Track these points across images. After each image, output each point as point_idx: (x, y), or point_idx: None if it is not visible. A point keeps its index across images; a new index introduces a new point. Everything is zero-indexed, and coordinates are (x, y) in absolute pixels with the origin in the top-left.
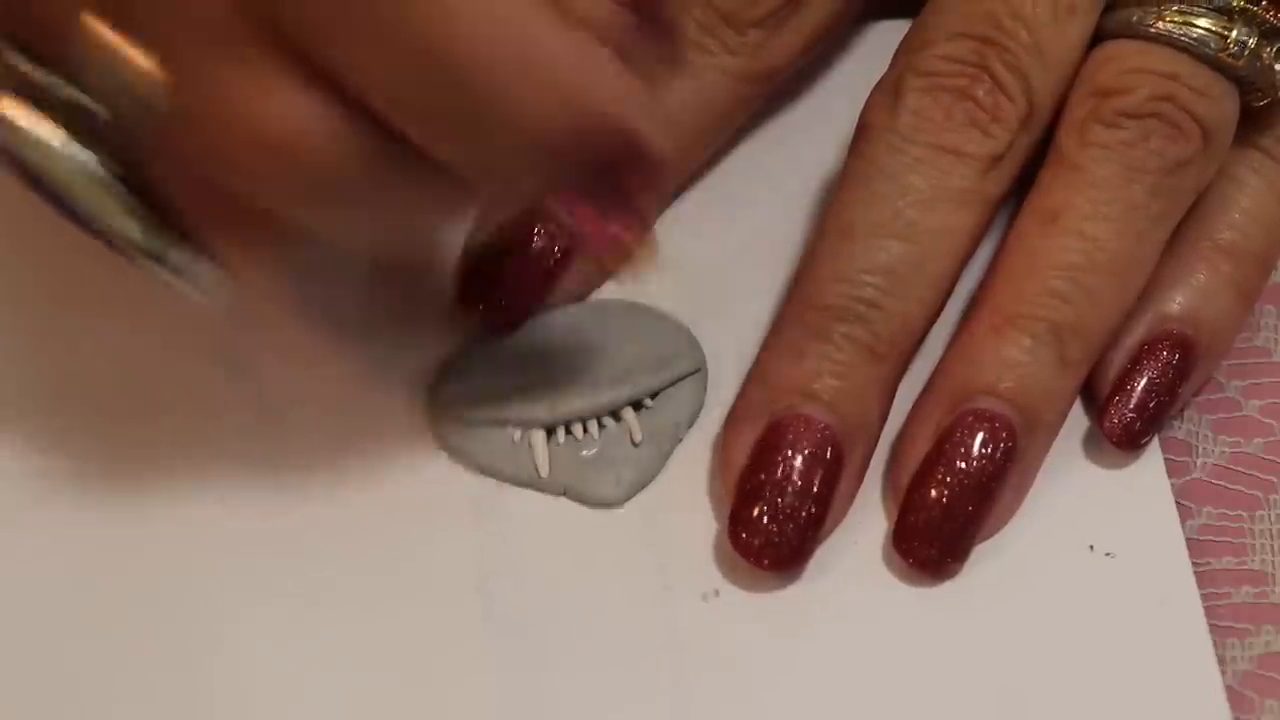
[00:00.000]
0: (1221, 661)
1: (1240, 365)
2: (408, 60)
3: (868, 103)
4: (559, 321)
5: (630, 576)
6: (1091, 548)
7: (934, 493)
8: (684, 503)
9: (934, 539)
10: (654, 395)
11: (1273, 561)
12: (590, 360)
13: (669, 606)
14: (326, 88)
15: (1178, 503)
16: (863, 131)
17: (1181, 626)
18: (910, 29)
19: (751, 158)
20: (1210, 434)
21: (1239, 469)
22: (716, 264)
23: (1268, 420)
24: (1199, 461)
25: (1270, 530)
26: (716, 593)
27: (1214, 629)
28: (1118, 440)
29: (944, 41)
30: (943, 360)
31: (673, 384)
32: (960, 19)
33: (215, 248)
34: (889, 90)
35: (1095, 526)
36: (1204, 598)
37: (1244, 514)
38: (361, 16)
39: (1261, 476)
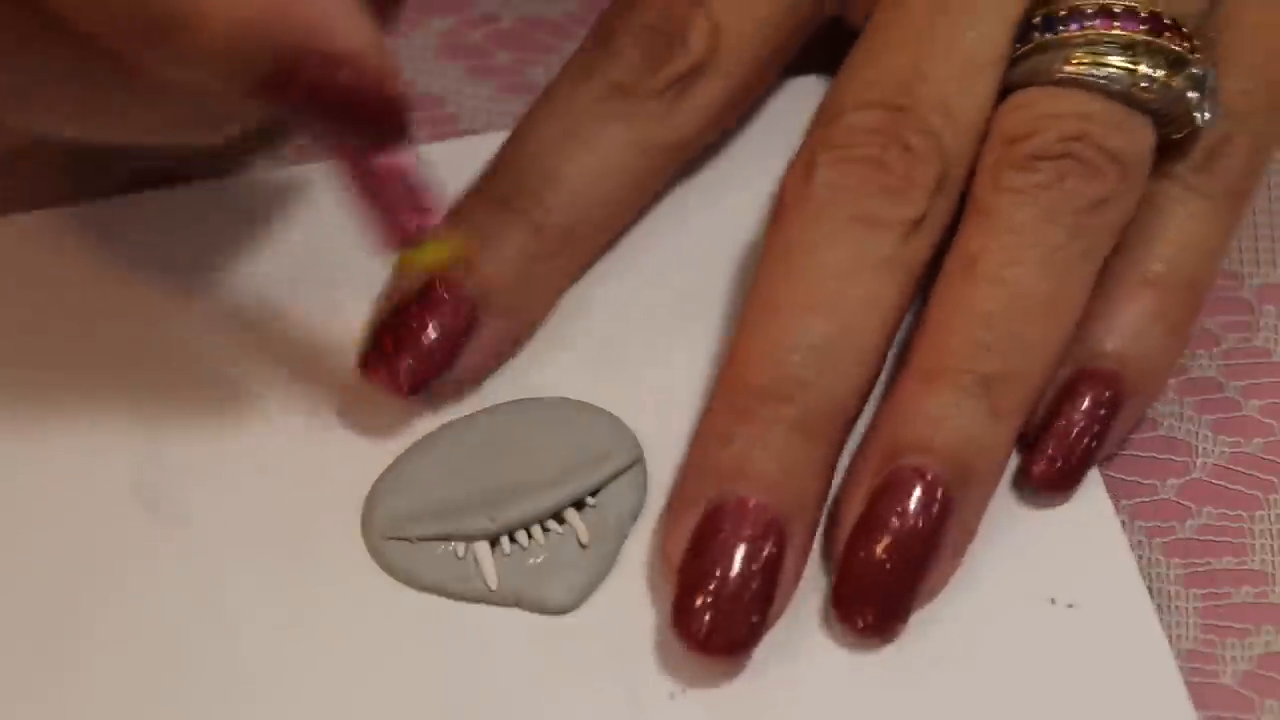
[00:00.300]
0: (1221, 661)
1: (1240, 365)
2: None
3: (783, 179)
4: (489, 427)
5: (593, 682)
6: (1053, 600)
7: (868, 556)
8: (639, 600)
9: (871, 604)
10: (595, 492)
11: (1273, 561)
12: (526, 464)
13: (635, 710)
14: None
15: (1177, 503)
16: (779, 209)
17: (1153, 670)
18: (823, 99)
19: (673, 233)
20: (1210, 434)
21: (1239, 469)
22: (644, 348)
23: (1268, 420)
24: (1199, 461)
25: (1270, 530)
26: (683, 690)
27: (1214, 629)
28: (1042, 486)
29: (852, 111)
30: (873, 420)
31: (612, 478)
32: (867, 86)
33: None
34: (802, 165)
35: (1052, 577)
36: (1204, 597)
37: (1244, 514)
38: None
39: (1261, 476)
